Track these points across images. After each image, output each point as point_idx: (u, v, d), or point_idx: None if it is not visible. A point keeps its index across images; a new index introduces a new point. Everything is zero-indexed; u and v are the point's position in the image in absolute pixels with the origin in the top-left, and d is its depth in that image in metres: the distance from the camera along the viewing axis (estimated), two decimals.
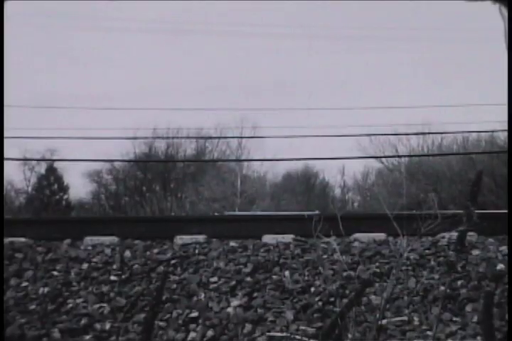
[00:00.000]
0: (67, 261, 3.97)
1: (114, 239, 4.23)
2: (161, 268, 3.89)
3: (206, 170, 32.45)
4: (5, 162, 5.95)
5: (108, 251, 4.05)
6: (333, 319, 3.18)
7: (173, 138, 33.22)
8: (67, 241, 4.22)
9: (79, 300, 3.65)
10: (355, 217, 4.79)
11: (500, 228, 4.09)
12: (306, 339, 3.11)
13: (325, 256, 3.94)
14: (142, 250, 4.07)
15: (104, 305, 3.60)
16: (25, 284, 3.79)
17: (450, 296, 3.59)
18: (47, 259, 3.99)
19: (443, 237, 4.14)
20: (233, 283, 3.74)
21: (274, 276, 3.80)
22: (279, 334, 3.30)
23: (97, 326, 3.45)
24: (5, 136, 4.88)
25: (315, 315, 3.48)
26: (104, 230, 4.39)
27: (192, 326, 3.44)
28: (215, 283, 3.75)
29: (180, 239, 4.21)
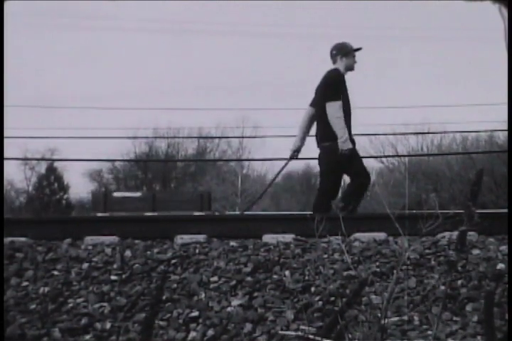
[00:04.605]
0: (68, 261, 3.97)
1: (115, 238, 4.24)
2: (161, 267, 3.89)
3: (206, 170, 32.48)
4: (5, 162, 5.97)
5: (108, 250, 4.05)
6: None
7: (173, 137, 33.28)
8: (68, 240, 4.23)
9: (79, 300, 3.65)
10: (355, 217, 4.79)
11: (501, 228, 4.10)
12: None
13: (325, 256, 3.95)
14: (142, 250, 4.07)
15: (105, 304, 3.61)
16: (25, 284, 3.79)
17: (450, 296, 3.59)
18: (47, 259, 3.99)
19: (443, 237, 4.15)
20: (233, 282, 3.74)
21: (274, 276, 3.80)
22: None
23: (98, 325, 3.46)
24: (5, 135, 4.89)
25: (315, 315, 3.48)
26: (105, 230, 4.40)
27: (192, 325, 3.44)
28: (215, 282, 3.75)
29: (181, 239, 4.22)
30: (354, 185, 5.64)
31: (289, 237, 4.24)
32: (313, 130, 5.97)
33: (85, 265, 3.92)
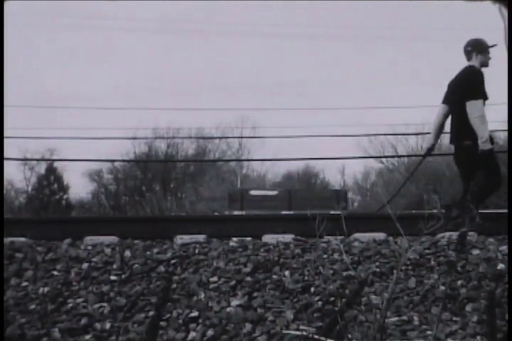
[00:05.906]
0: (67, 261, 3.97)
1: (114, 238, 4.24)
2: (161, 267, 3.89)
3: (206, 170, 32.48)
4: (5, 162, 5.96)
5: (108, 250, 4.05)
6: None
7: (173, 138, 33.25)
8: (67, 240, 4.23)
9: (79, 300, 3.65)
10: (356, 217, 4.79)
11: (500, 228, 4.10)
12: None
13: (325, 256, 3.95)
14: (142, 250, 4.07)
15: (104, 304, 3.61)
16: (25, 284, 3.79)
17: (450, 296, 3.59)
18: (47, 259, 3.99)
19: (443, 237, 4.15)
20: (233, 282, 3.74)
21: (274, 276, 3.80)
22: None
23: (97, 326, 3.45)
24: (5, 136, 4.89)
25: (315, 315, 3.48)
26: (104, 230, 4.40)
27: (192, 325, 3.44)
28: (215, 282, 3.75)
29: (181, 239, 4.22)
30: (481, 185, 5.24)
31: (288, 237, 4.24)
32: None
33: (85, 265, 3.92)
